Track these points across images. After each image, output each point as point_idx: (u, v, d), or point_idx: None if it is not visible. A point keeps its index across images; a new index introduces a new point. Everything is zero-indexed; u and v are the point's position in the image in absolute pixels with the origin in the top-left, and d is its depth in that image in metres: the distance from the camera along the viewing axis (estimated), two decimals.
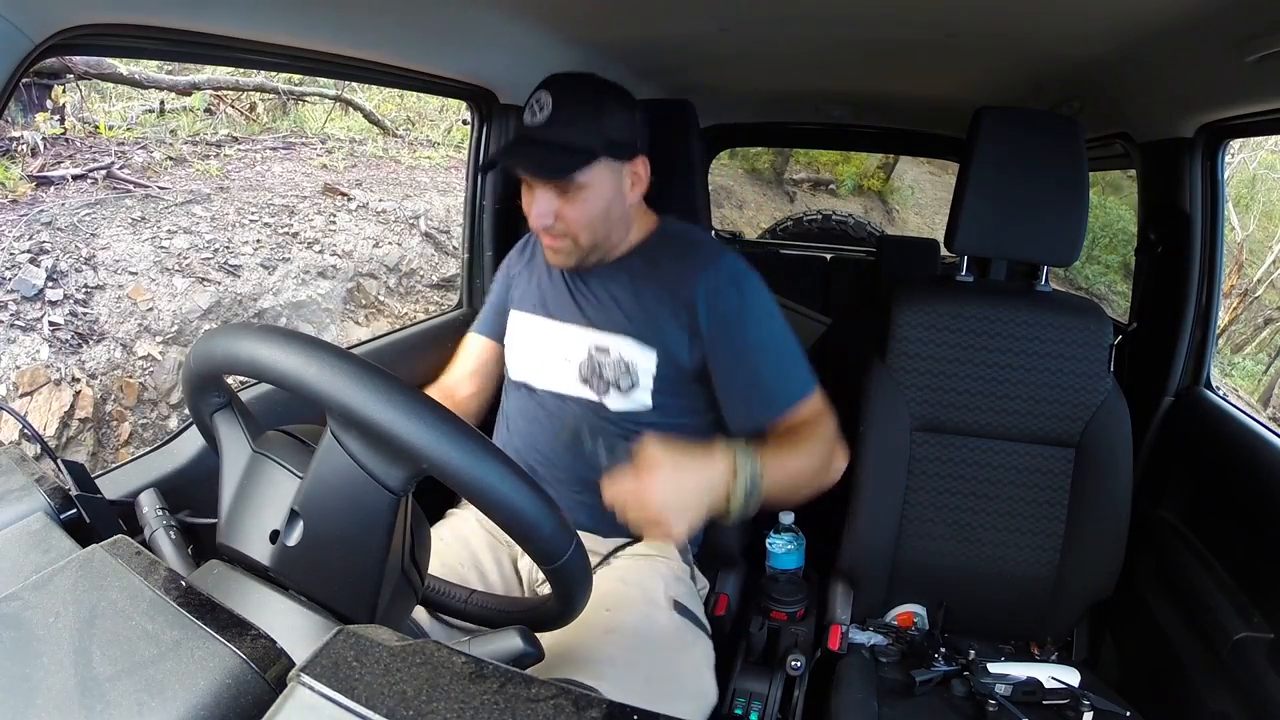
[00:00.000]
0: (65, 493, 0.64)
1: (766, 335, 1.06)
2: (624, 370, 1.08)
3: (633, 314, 1.09)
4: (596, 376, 1.10)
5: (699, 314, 1.05)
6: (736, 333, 1.05)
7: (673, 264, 1.09)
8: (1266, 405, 6.89)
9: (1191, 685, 1.12)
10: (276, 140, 4.62)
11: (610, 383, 1.09)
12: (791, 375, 1.06)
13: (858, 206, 8.16)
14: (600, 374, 1.09)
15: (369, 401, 0.51)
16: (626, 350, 1.08)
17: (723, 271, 1.06)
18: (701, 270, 1.06)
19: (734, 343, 1.05)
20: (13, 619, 0.47)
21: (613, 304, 1.11)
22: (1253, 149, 7.93)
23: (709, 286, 1.05)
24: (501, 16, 1.23)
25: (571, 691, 0.43)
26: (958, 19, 1.19)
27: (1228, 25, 0.96)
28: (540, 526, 0.55)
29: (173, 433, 1.01)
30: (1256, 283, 7.84)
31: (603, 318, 1.11)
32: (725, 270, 1.06)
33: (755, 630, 1.23)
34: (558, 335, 1.14)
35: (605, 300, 1.12)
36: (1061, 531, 1.28)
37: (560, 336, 1.14)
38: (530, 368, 1.17)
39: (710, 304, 1.04)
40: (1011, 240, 1.26)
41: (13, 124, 3.47)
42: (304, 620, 0.54)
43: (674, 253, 1.11)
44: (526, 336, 1.19)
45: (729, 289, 1.05)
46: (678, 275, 1.07)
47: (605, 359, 1.09)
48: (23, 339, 2.60)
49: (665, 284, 1.07)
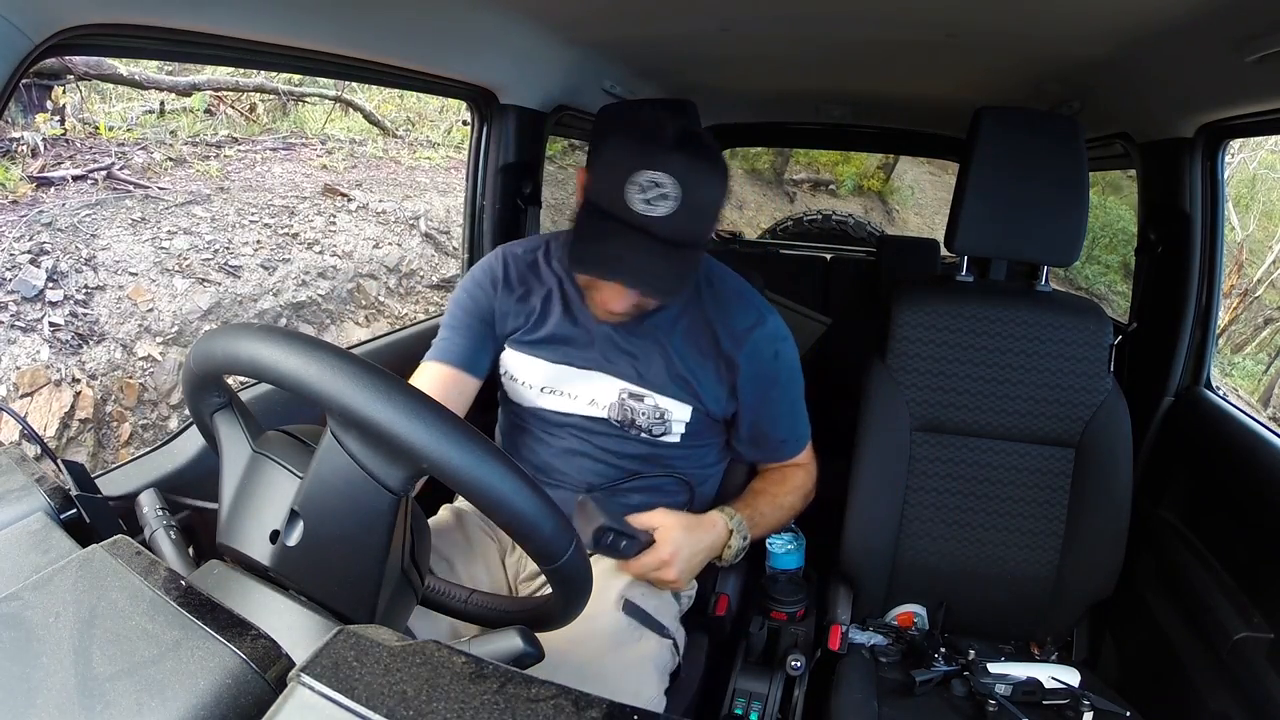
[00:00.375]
0: (65, 493, 0.64)
1: (793, 397, 1.14)
2: (658, 419, 1.09)
3: (670, 368, 1.08)
4: (629, 422, 1.09)
5: (740, 373, 1.07)
6: (770, 393, 1.11)
7: (717, 318, 1.08)
8: (1266, 405, 6.89)
9: (1191, 685, 1.12)
10: (276, 141, 4.62)
11: (643, 429, 1.09)
12: (800, 433, 1.17)
13: (858, 206, 8.16)
14: (633, 420, 1.09)
15: (369, 402, 0.51)
16: (661, 401, 1.08)
17: (767, 332, 1.08)
18: (747, 330, 1.07)
19: (765, 401, 1.11)
20: (13, 619, 0.47)
21: (647, 358, 1.08)
22: (1253, 149, 7.93)
23: (753, 348, 1.07)
24: (502, 17, 1.23)
25: (571, 691, 0.43)
26: (958, 19, 1.19)
27: (1228, 25, 0.96)
28: (540, 526, 0.55)
29: (173, 433, 1.01)
30: (1256, 283, 7.84)
31: (637, 372, 1.08)
32: (769, 332, 1.09)
33: (755, 630, 1.23)
34: (584, 382, 1.10)
35: (640, 353, 1.08)
36: (1061, 531, 1.28)
37: (587, 383, 1.10)
38: (550, 404, 1.11)
39: (752, 365, 1.07)
40: (1011, 240, 1.26)
41: (13, 125, 3.47)
42: (304, 620, 0.54)
43: (717, 303, 1.09)
44: (544, 380, 1.11)
45: (770, 352, 1.09)
46: (722, 331, 1.07)
47: (639, 405, 1.08)
48: (23, 340, 2.60)
49: (708, 338, 1.07)
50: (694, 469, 1.15)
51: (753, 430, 1.14)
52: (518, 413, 1.16)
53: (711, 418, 1.11)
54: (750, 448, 1.17)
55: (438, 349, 1.12)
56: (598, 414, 1.10)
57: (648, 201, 0.85)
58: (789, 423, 1.15)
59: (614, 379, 1.08)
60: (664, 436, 1.10)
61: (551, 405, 1.12)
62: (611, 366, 1.08)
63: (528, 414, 1.14)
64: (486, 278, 1.13)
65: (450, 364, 1.10)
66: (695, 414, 1.09)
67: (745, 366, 1.07)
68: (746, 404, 1.11)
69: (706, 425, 1.12)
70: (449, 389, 1.09)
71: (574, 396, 1.10)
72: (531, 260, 1.14)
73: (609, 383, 1.09)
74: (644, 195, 0.85)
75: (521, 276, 1.12)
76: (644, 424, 1.09)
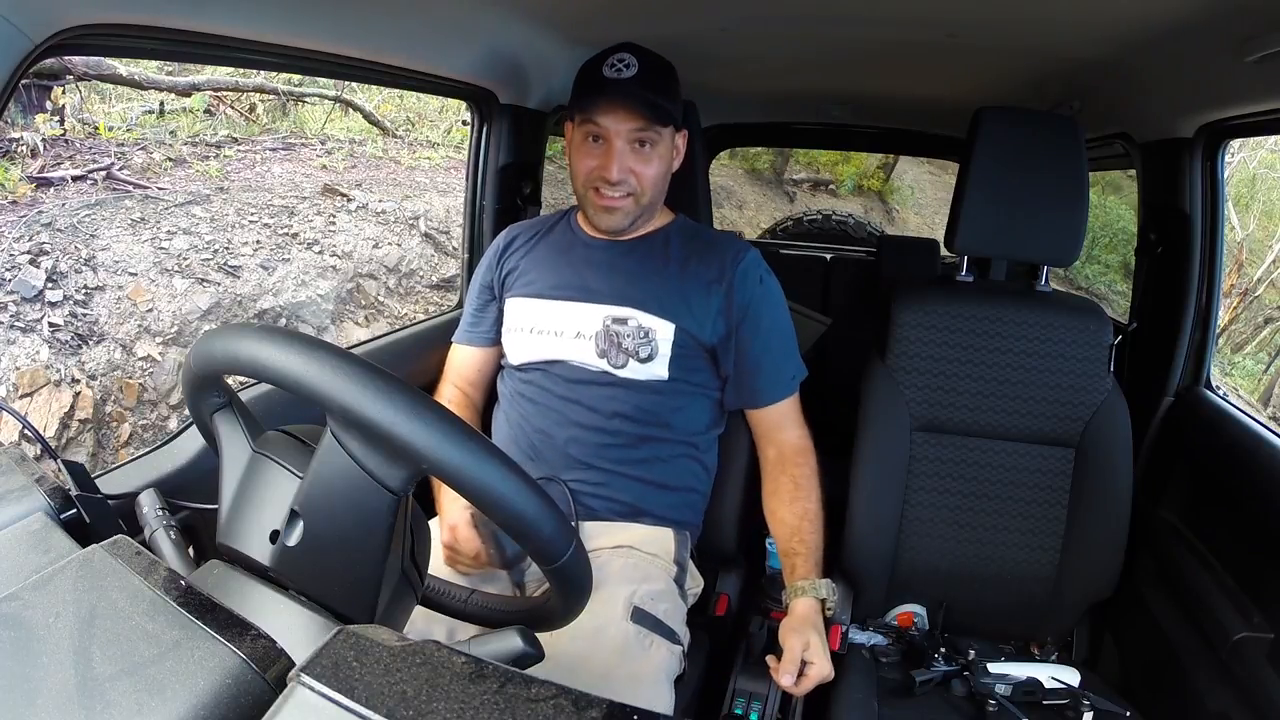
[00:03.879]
0: (65, 493, 0.64)
1: (781, 330, 1.18)
2: (643, 338, 1.12)
3: (651, 287, 1.14)
4: (615, 348, 1.12)
5: (734, 290, 1.14)
6: (760, 320, 1.15)
7: (704, 249, 1.18)
8: (1267, 405, 6.89)
9: (1191, 685, 1.12)
10: (276, 141, 4.62)
11: (629, 352, 1.12)
12: (790, 372, 1.19)
13: (858, 206, 8.15)
14: (619, 344, 1.12)
15: (369, 402, 0.51)
16: (644, 319, 1.12)
17: (753, 260, 1.17)
18: (736, 255, 1.16)
19: (754, 327, 1.15)
20: (13, 619, 0.47)
21: (628, 278, 1.15)
22: (1253, 149, 7.93)
23: (743, 270, 1.15)
24: (502, 17, 1.23)
25: (571, 691, 0.43)
26: (958, 19, 1.19)
27: (1228, 25, 0.96)
28: (540, 526, 0.55)
29: (173, 433, 1.01)
30: (1256, 282, 7.84)
31: (617, 292, 1.14)
32: (754, 260, 1.18)
33: (755, 630, 1.23)
34: (568, 314, 1.15)
35: (619, 276, 1.15)
36: (1061, 531, 1.28)
37: (571, 314, 1.15)
38: (540, 349, 1.17)
39: (744, 285, 1.14)
40: (1011, 240, 1.26)
41: (12, 125, 3.47)
42: (304, 620, 0.54)
43: (702, 241, 1.20)
44: (533, 320, 1.18)
45: (756, 276, 1.16)
46: (712, 257, 1.16)
47: (623, 329, 1.12)
48: (22, 340, 2.60)
49: (699, 262, 1.16)
50: (691, 430, 1.16)
51: (739, 361, 1.15)
52: (512, 384, 1.20)
53: (697, 340, 1.13)
54: (745, 386, 1.17)
55: (467, 334, 1.28)
56: (585, 347, 1.13)
57: (616, 70, 1.06)
58: (776, 357, 1.17)
59: (597, 305, 1.14)
60: (651, 362, 1.12)
61: (541, 352, 1.16)
62: (595, 295, 1.15)
63: (519, 380, 1.18)
64: (492, 252, 1.28)
65: (477, 346, 1.27)
66: (680, 334, 1.12)
67: (738, 287, 1.14)
68: (735, 326, 1.14)
69: (693, 354, 1.14)
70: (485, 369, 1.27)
71: (559, 333, 1.15)
72: (534, 228, 1.28)
73: (593, 310, 1.14)
74: (613, 67, 1.07)
75: (522, 240, 1.26)
76: (630, 346, 1.12)
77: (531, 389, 1.17)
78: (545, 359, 1.16)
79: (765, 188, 8.34)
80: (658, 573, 1.10)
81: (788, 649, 1.02)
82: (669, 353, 1.12)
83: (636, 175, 1.10)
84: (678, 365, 1.13)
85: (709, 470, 1.22)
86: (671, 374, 1.13)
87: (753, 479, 1.25)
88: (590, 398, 1.13)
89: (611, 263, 1.17)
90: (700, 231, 1.24)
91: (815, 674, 1.01)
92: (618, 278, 1.16)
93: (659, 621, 1.03)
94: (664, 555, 1.12)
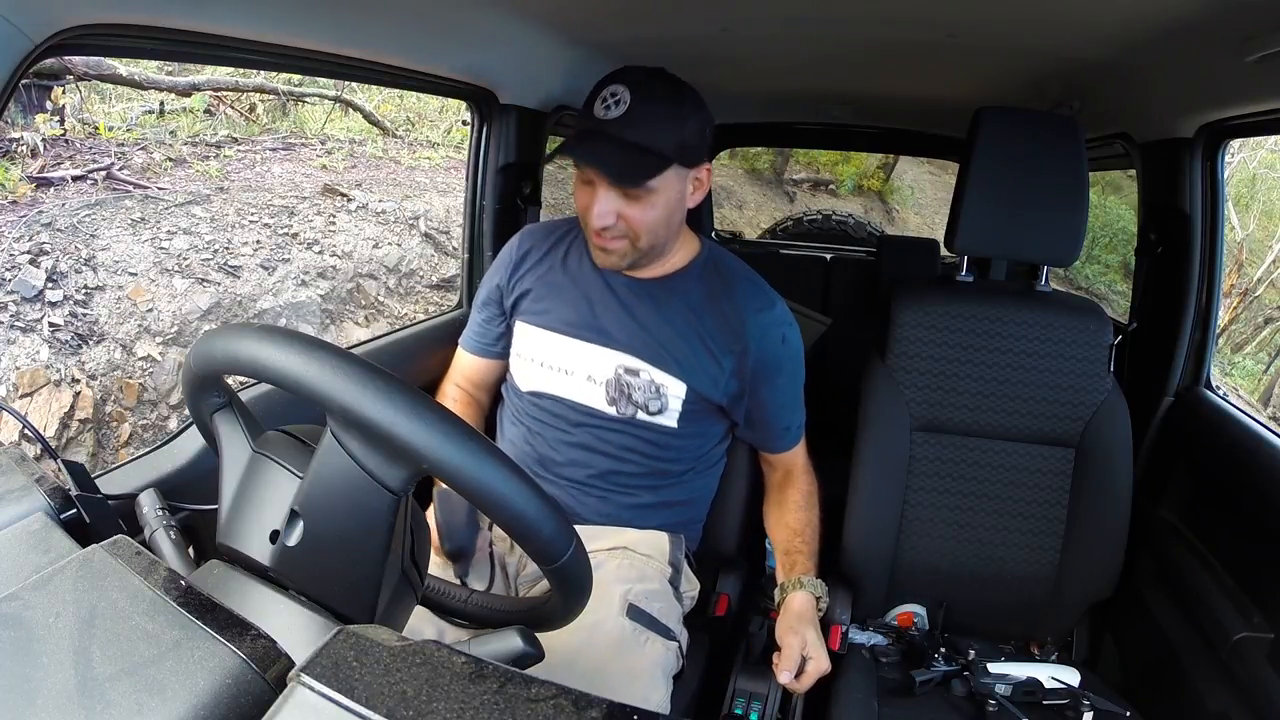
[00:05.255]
0: (65, 493, 0.64)
1: (797, 385, 1.16)
2: (654, 393, 1.09)
3: (667, 343, 1.09)
4: (625, 398, 1.09)
5: (749, 354, 1.09)
6: (776, 379, 1.12)
7: (725, 299, 1.11)
8: (1267, 405, 6.89)
9: (1191, 685, 1.12)
10: (276, 141, 4.62)
11: (639, 405, 1.09)
12: (798, 422, 1.18)
13: (858, 206, 8.15)
14: (629, 396, 1.09)
15: (369, 402, 0.51)
16: (657, 375, 1.09)
17: (775, 316, 1.12)
18: (757, 313, 1.10)
19: (771, 387, 1.12)
20: (13, 619, 0.47)
21: (644, 330, 1.09)
22: (1253, 149, 7.94)
23: (762, 331, 1.10)
24: (501, 16, 1.23)
25: (571, 691, 0.43)
26: (958, 19, 1.19)
27: (1228, 25, 0.96)
28: (541, 527, 0.55)
29: (173, 433, 1.01)
30: (1256, 282, 7.85)
31: (633, 343, 1.09)
32: (778, 316, 1.12)
33: (755, 630, 1.23)
34: (581, 355, 1.12)
35: (637, 325, 1.10)
36: (1061, 531, 1.28)
37: (584, 356, 1.11)
38: (549, 384, 1.14)
39: (760, 347, 1.09)
40: (1011, 240, 1.26)
41: (12, 125, 3.47)
42: (304, 620, 0.54)
43: (725, 286, 1.12)
44: (544, 355, 1.14)
45: (778, 335, 1.11)
46: (731, 313, 1.10)
47: (634, 380, 1.09)
48: (22, 340, 2.60)
49: (715, 319, 1.10)
50: (698, 455, 1.16)
51: (752, 416, 1.15)
52: (519, 404, 1.18)
53: (706, 400, 1.11)
54: (748, 430, 1.18)
55: (473, 340, 1.25)
56: (595, 392, 1.10)
57: (606, 107, 0.97)
58: (790, 412, 1.17)
59: (611, 351, 1.10)
60: (660, 416, 1.10)
61: (550, 387, 1.13)
62: (610, 340, 1.10)
63: (529, 403, 1.16)
64: (507, 255, 1.22)
65: (484, 357, 1.23)
66: (691, 393, 1.09)
67: (753, 348, 1.09)
68: (750, 387, 1.11)
69: (703, 408, 1.12)
70: (489, 377, 1.24)
71: (569, 372, 1.12)
72: (549, 239, 1.21)
73: (606, 355, 1.10)
74: (604, 104, 0.98)
75: (537, 254, 1.19)
76: (640, 400, 1.09)
77: (536, 412, 1.15)
78: (553, 394, 1.13)
79: (765, 188, 8.33)
80: (652, 573, 1.10)
81: (786, 647, 1.02)
82: (679, 409, 1.10)
83: (627, 220, 1.01)
84: (686, 419, 1.11)
85: (714, 479, 1.22)
86: (680, 426, 1.11)
87: (754, 481, 1.25)
88: (596, 436, 1.12)
89: (627, 305, 1.11)
90: (725, 270, 1.14)
91: (814, 669, 1.01)
92: (632, 324, 1.10)
93: (654, 619, 1.03)
94: (659, 557, 1.12)
